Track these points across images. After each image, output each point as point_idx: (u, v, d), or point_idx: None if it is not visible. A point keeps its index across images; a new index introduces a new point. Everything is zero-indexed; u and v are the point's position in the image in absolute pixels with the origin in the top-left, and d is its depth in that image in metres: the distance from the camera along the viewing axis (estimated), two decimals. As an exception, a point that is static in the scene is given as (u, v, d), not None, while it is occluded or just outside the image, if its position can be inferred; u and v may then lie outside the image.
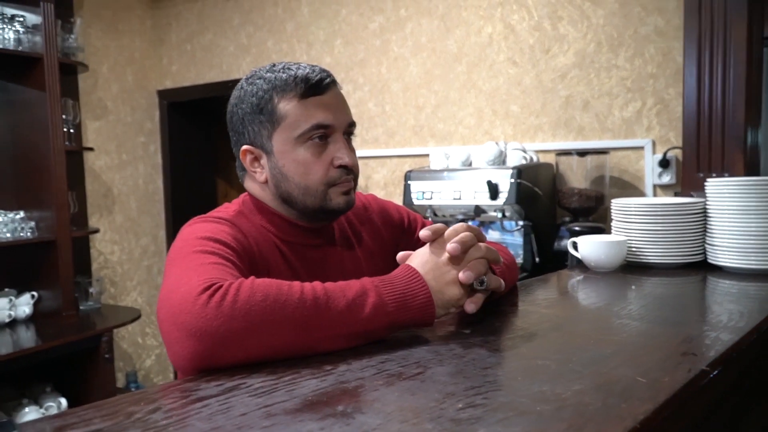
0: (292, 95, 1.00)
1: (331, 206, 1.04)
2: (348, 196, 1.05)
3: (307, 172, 1.02)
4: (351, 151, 1.05)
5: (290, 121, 1.01)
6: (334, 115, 1.02)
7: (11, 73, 2.84)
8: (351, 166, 1.03)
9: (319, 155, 1.01)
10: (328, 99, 1.02)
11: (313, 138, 1.01)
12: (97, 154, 3.47)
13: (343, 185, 1.03)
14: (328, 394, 0.65)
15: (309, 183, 1.02)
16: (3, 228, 2.72)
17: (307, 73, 1.01)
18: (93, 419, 0.60)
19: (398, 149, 3.04)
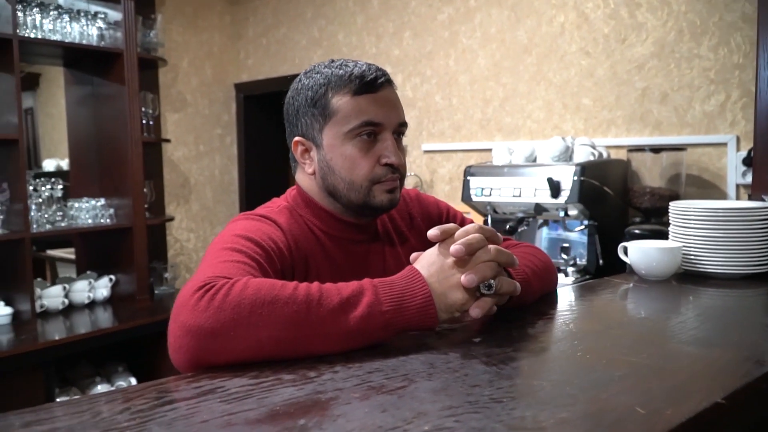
0: (346, 91, 1.01)
1: (375, 203, 1.04)
2: (392, 195, 1.05)
3: (353, 167, 1.02)
4: (399, 150, 1.05)
5: (341, 116, 1.02)
6: (384, 114, 1.02)
7: (95, 68, 3.00)
8: (397, 165, 1.03)
9: (366, 152, 1.02)
10: (380, 97, 1.03)
11: (362, 135, 1.02)
12: (175, 146, 3.62)
13: (388, 183, 1.03)
14: (297, 404, 0.63)
15: (354, 178, 1.03)
16: (85, 214, 2.89)
17: (363, 70, 1.03)
18: (62, 416, 0.61)
19: (464, 143, 2.97)
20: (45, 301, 2.79)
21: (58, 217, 2.81)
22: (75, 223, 2.86)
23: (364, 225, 1.10)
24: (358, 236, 1.10)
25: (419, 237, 1.17)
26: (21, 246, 2.57)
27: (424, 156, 3.13)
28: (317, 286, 0.79)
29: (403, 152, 1.07)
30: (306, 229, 1.06)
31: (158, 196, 3.32)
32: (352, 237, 1.09)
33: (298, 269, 1.00)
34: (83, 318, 2.82)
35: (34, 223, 2.66)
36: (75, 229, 2.88)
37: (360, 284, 0.81)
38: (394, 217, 1.19)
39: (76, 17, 2.80)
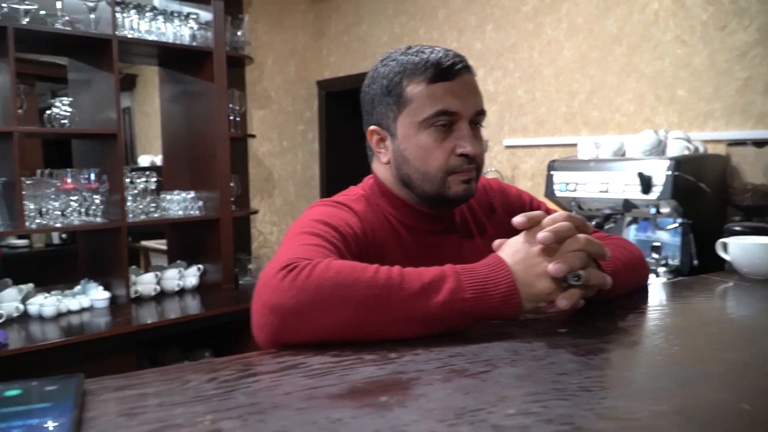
0: (421, 79, 0.99)
1: (450, 194, 1.02)
2: (468, 185, 1.02)
3: (428, 157, 1.01)
4: (476, 140, 1.02)
5: (415, 106, 1.00)
6: (460, 102, 0.99)
7: (186, 66, 3.14)
8: (473, 155, 1.00)
9: (441, 142, 1.00)
10: (456, 85, 0.99)
11: (437, 124, 0.99)
12: (260, 141, 3.73)
13: (463, 174, 1.01)
14: (378, 383, 0.62)
15: (428, 169, 1.01)
16: (176, 206, 3.02)
17: (439, 57, 0.99)
18: (153, 382, 0.63)
19: (548, 138, 2.89)
20: (139, 287, 2.94)
21: (152, 208, 2.96)
22: (167, 214, 3.00)
23: (440, 215, 1.09)
24: (434, 226, 1.08)
25: (500, 228, 1.14)
26: (118, 235, 2.72)
27: (506, 151, 3.07)
28: (398, 270, 0.78)
29: (480, 141, 1.04)
30: (382, 218, 1.05)
31: (243, 190, 3.43)
32: (428, 227, 1.08)
33: (373, 257, 0.97)
34: (173, 304, 2.95)
35: (130, 213, 2.81)
36: (166, 220, 3.02)
37: (442, 270, 0.79)
38: (474, 207, 1.16)
39: (169, 18, 2.93)
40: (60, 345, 2.38)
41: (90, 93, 2.83)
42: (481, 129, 1.06)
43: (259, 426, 0.52)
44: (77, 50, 2.84)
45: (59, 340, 2.39)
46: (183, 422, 0.52)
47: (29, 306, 2.64)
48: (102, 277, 2.87)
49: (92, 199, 2.71)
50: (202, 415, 0.54)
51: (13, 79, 2.40)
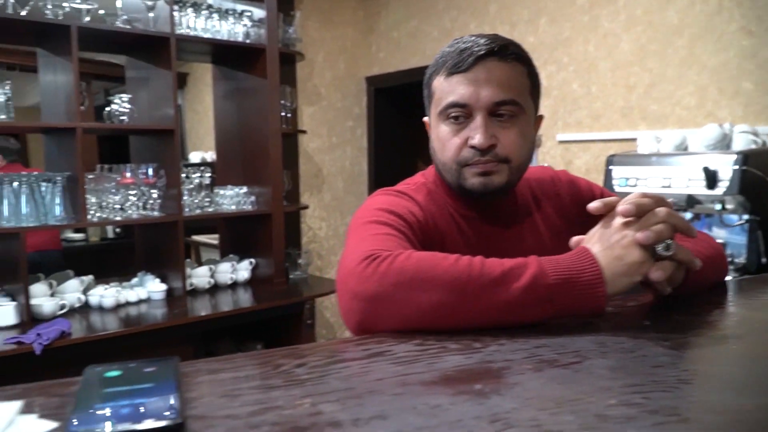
0: (442, 71, 1.00)
1: (467, 186, 1.01)
2: (484, 178, 0.99)
3: (443, 149, 1.01)
4: (500, 132, 0.98)
5: (436, 98, 1.01)
6: (472, 94, 0.96)
7: (239, 63, 3.18)
8: (480, 146, 0.97)
9: (455, 133, 0.99)
10: (472, 76, 0.96)
11: (451, 116, 0.99)
12: (310, 137, 3.77)
13: (477, 166, 0.99)
14: (469, 371, 0.62)
15: (445, 160, 1.02)
16: (229, 201, 3.08)
17: (465, 47, 0.98)
18: (244, 366, 0.64)
19: (603, 133, 2.83)
20: (194, 280, 3.00)
21: (206, 202, 3.01)
22: (220, 209, 3.06)
23: (497, 203, 1.07)
24: (492, 215, 1.07)
25: (566, 220, 1.12)
26: (175, 228, 2.79)
27: (559, 147, 3.02)
28: (479, 258, 0.78)
29: (508, 132, 0.98)
30: (442, 207, 1.05)
31: (294, 186, 3.47)
32: (485, 216, 1.07)
33: (436, 246, 0.98)
34: (226, 297, 3.00)
35: (185, 207, 2.87)
36: (220, 214, 3.07)
37: (524, 258, 0.78)
38: (536, 193, 1.13)
39: (224, 16, 2.98)
40: (119, 335, 2.44)
41: (148, 90, 2.90)
42: (516, 121, 0.99)
43: (359, 410, 0.52)
44: (135, 48, 2.91)
45: (119, 330, 2.46)
46: (283, 404, 0.53)
47: (90, 297, 2.72)
48: (158, 269, 2.94)
49: (150, 193, 2.78)
50: (300, 398, 0.54)
51: (76, 77, 2.47)
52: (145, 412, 0.48)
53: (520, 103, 0.98)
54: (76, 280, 2.75)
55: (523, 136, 1.00)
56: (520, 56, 1.00)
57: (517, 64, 0.99)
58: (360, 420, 0.49)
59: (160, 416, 0.47)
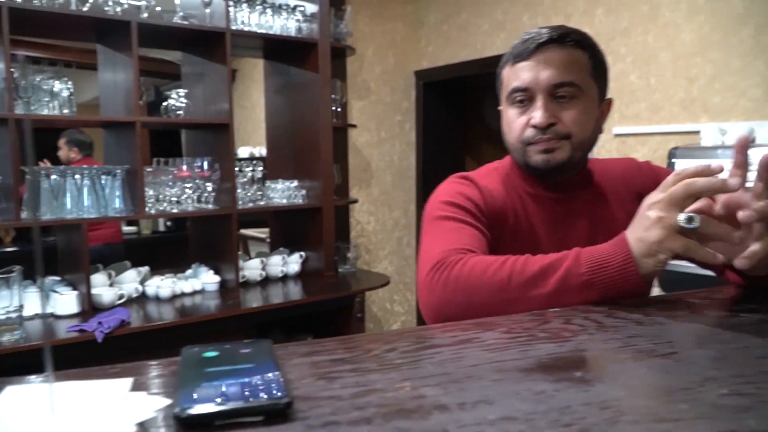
0: (509, 60, 1.09)
1: (531, 163, 1.08)
2: (547, 155, 1.06)
3: (510, 131, 1.10)
4: (560, 112, 1.05)
5: (504, 86, 1.12)
6: (532, 78, 1.05)
7: (292, 58, 3.21)
8: (538, 125, 1.05)
9: (519, 115, 1.08)
10: (533, 62, 1.05)
11: (515, 100, 1.08)
12: (359, 132, 3.77)
13: (540, 144, 1.06)
14: (564, 359, 0.60)
15: (511, 141, 1.11)
16: (280, 194, 3.11)
17: (529, 37, 1.06)
18: (336, 350, 0.64)
19: (663, 126, 2.76)
20: (246, 272, 3.05)
21: (258, 196, 3.05)
22: (271, 202, 3.09)
23: (566, 182, 1.12)
24: (561, 194, 1.13)
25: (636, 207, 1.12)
26: (228, 221, 2.83)
27: (615, 140, 2.95)
28: (525, 256, 0.88)
29: (569, 112, 1.05)
30: (510, 189, 1.13)
31: (343, 180, 3.49)
32: (554, 195, 1.13)
33: (503, 225, 1.10)
34: (277, 290, 3.04)
35: (238, 200, 2.91)
36: (272, 207, 3.11)
37: (565, 252, 0.86)
38: (617, 176, 1.17)
39: (277, 11, 3.01)
40: (176, 325, 2.50)
41: (203, 85, 2.95)
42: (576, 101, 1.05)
43: (461, 394, 0.51)
44: (191, 44, 2.96)
45: (175, 320, 2.52)
46: (383, 387, 0.52)
47: (146, 287, 2.79)
48: (212, 261, 3.00)
49: (204, 186, 2.83)
50: (399, 381, 0.54)
51: (136, 72, 2.53)
52: (254, 390, 0.48)
53: (579, 85, 1.05)
54: (133, 271, 2.83)
55: (585, 115, 1.06)
56: (580, 42, 1.06)
57: (577, 49, 1.05)
58: (466, 404, 0.49)
59: (269, 394, 0.47)
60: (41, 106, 2.47)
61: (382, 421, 0.45)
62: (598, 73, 1.08)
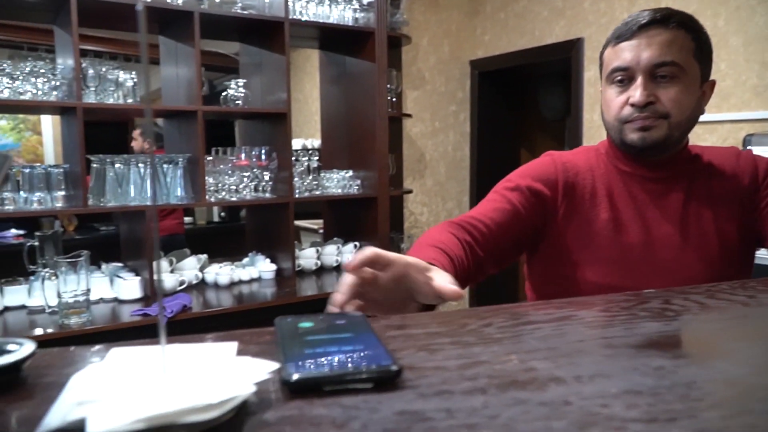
0: (611, 42, 1.11)
1: (627, 141, 1.09)
2: (644, 133, 1.07)
3: (608, 109, 1.11)
4: (659, 91, 1.04)
5: (605, 66, 1.13)
6: (633, 57, 1.05)
7: (348, 48, 3.21)
8: (638, 103, 1.04)
9: (619, 94, 1.09)
10: (635, 42, 1.05)
11: (615, 80, 1.09)
12: (413, 122, 3.75)
13: (637, 122, 1.06)
14: (675, 337, 0.57)
15: (609, 119, 1.12)
16: (335, 184, 3.12)
17: (629, 19, 1.08)
18: (430, 324, 0.62)
19: (733, 113, 2.64)
20: (301, 261, 3.07)
21: (314, 185, 3.07)
22: (327, 192, 3.10)
23: (662, 162, 1.11)
24: (654, 174, 1.12)
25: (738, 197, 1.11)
26: (285, 210, 2.85)
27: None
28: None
29: (669, 92, 1.04)
30: (599, 165, 1.16)
31: (398, 170, 3.47)
32: (647, 174, 1.13)
33: (575, 196, 1.12)
34: (331, 279, 3.05)
35: (295, 190, 2.93)
36: (328, 197, 3.12)
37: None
38: (724, 165, 1.13)
39: (335, 1, 3.01)
40: (234, 311, 2.54)
41: (260, 75, 2.97)
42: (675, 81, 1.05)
43: (574, 368, 0.49)
44: (250, 34, 2.99)
45: (233, 307, 2.55)
46: (489, 360, 0.51)
47: (206, 274, 2.84)
48: (268, 250, 3.03)
49: (262, 175, 2.86)
50: (505, 354, 0.52)
51: (198, 62, 2.57)
52: (360, 358, 0.47)
53: (680, 64, 1.04)
54: (193, 258, 2.88)
55: (684, 95, 1.06)
56: (684, 23, 1.05)
57: (680, 30, 1.05)
58: (582, 377, 0.46)
59: (377, 362, 0.46)
60: (107, 95, 2.53)
61: (498, 392, 0.43)
62: (702, 54, 1.08)
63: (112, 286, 2.57)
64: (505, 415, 0.39)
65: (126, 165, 2.54)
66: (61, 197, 2.39)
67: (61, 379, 0.47)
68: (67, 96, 2.39)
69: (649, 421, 0.39)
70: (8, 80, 2.28)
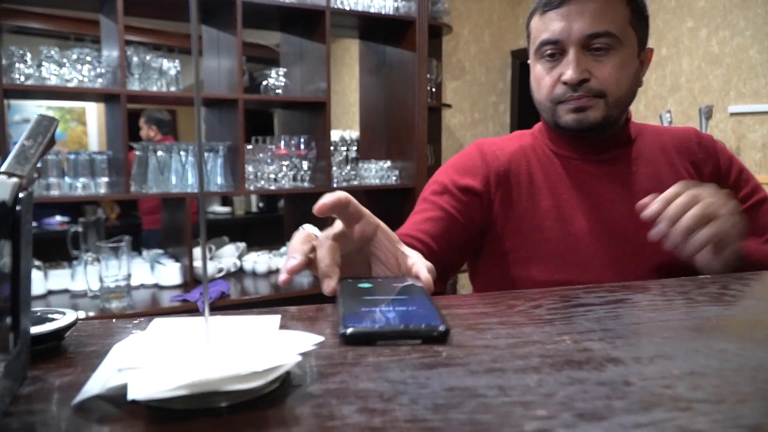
0: (537, 10, 0.98)
1: (561, 124, 0.99)
2: (578, 114, 0.97)
3: (539, 88, 1.00)
4: (594, 66, 0.94)
5: (532, 38, 1.01)
6: (563, 29, 0.94)
7: (387, 37, 3.19)
8: (570, 82, 0.94)
9: (549, 71, 0.98)
10: (564, 11, 0.94)
11: (544, 54, 0.98)
12: (452, 113, 3.72)
13: (571, 103, 0.96)
14: (736, 320, 0.54)
15: (540, 98, 1.01)
16: (374, 174, 3.11)
17: None
18: (477, 304, 0.60)
19: (788, 104, 2.54)
20: (338, 251, 3.07)
21: (352, 175, 3.06)
22: (365, 182, 3.10)
23: (599, 144, 1.02)
24: (592, 156, 1.03)
25: (688, 177, 1.02)
26: (323, 199, 2.85)
27: (731, 119, 2.74)
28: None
29: (607, 66, 0.95)
30: (532, 150, 1.05)
31: (436, 161, 3.45)
32: (583, 156, 1.03)
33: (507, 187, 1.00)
34: (369, 269, 3.04)
35: (333, 179, 2.93)
36: (366, 187, 3.11)
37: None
38: (668, 145, 1.05)
39: (376, -11, 2.99)
40: (271, 299, 2.56)
41: (301, 65, 2.98)
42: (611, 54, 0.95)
43: (631, 349, 0.46)
44: (291, 23, 3.00)
45: (270, 295, 2.57)
46: (541, 339, 0.48)
47: (244, 262, 2.87)
48: (306, 239, 3.03)
49: (301, 164, 2.87)
50: (557, 335, 0.50)
51: (239, 50, 2.59)
52: (411, 316, 0.49)
53: (616, 35, 0.94)
54: (232, 246, 2.91)
55: (622, 69, 0.96)
56: None
57: None
58: (642, 358, 0.44)
59: (426, 321, 0.48)
60: (151, 83, 2.57)
61: (552, 371, 0.41)
62: (638, 20, 0.97)
63: (153, 272, 2.62)
64: (562, 394, 0.37)
65: (168, 152, 2.58)
66: (105, 183, 2.44)
67: (103, 348, 0.47)
68: (112, 83, 2.43)
69: (716, 402, 0.36)
70: (56, 67, 2.33)
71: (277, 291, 2.63)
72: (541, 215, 0.99)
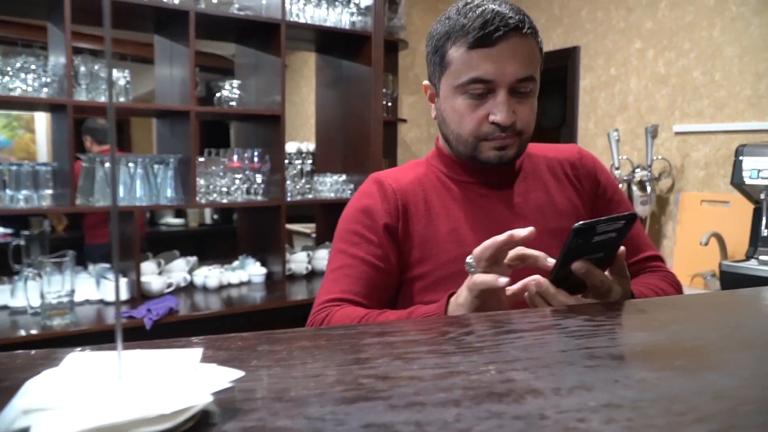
0: (461, 43, 0.96)
1: (481, 158, 1.01)
2: (501, 152, 1.00)
3: (461, 122, 1.00)
4: (520, 107, 0.98)
5: (453, 69, 0.98)
6: (497, 70, 0.95)
7: (343, 51, 3.19)
8: (503, 124, 0.96)
9: (474, 108, 0.98)
10: (496, 51, 0.94)
11: (471, 91, 0.97)
12: (409, 127, 3.74)
13: (496, 141, 0.99)
14: (661, 347, 0.55)
15: (461, 132, 1.00)
16: (329, 188, 3.09)
17: (486, 20, 0.93)
18: (409, 331, 0.60)
19: (727, 124, 2.63)
20: (292, 265, 3.04)
21: (307, 189, 3.04)
22: (320, 196, 3.08)
23: (494, 170, 1.05)
24: (488, 180, 1.06)
25: (573, 189, 1.09)
26: (278, 213, 2.83)
27: (675, 138, 2.83)
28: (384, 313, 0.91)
29: (527, 109, 0.99)
30: (428, 176, 1.07)
31: (391, 175, 3.45)
32: (480, 180, 1.06)
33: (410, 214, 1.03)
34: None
35: (287, 193, 2.91)
36: (320, 201, 3.10)
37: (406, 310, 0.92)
38: (554, 163, 1.11)
39: (332, 4, 2.99)
40: (222, 314, 2.51)
41: (256, 77, 2.95)
42: (531, 96, 1.00)
43: (554, 379, 0.47)
44: (246, 35, 2.98)
45: (221, 310, 2.52)
46: (467, 369, 0.49)
47: (194, 277, 2.81)
48: (259, 253, 3.00)
49: (254, 178, 2.83)
50: (483, 365, 0.50)
51: (192, 62, 2.55)
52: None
53: (535, 78, 0.98)
54: (182, 260, 2.85)
55: (534, 110, 1.01)
56: (534, 29, 0.98)
57: (533, 38, 0.97)
58: (561, 389, 0.44)
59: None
60: (98, 93, 2.51)
61: (472, 404, 0.41)
62: (541, 62, 1.02)
63: (99, 288, 2.54)
64: (477, 429, 0.37)
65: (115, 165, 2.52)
66: (49, 196, 2.36)
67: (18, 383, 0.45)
68: (58, 93, 2.36)
69: (628, 437, 0.37)
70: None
71: (229, 306, 2.58)
72: (442, 239, 1.01)
